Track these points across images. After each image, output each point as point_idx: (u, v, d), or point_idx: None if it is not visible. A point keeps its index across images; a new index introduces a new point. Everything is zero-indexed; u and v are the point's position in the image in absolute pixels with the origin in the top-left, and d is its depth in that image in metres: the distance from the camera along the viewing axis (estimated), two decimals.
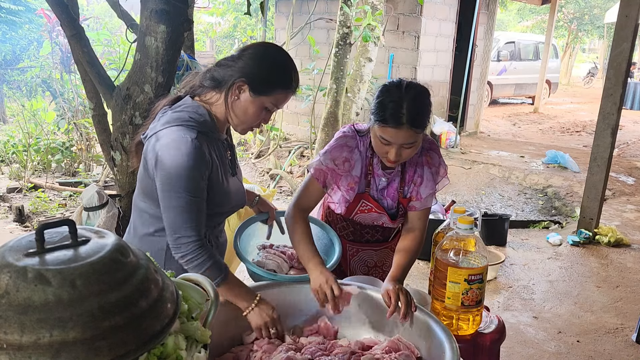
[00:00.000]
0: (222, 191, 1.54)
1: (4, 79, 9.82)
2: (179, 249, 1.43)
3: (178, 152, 1.38)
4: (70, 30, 2.54)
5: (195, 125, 1.44)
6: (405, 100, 1.54)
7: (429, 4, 7.36)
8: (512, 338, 3.07)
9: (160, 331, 0.73)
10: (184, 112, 1.47)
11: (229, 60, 1.51)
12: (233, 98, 1.49)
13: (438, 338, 1.36)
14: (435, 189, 1.79)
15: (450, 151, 7.67)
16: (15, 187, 5.43)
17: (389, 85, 1.61)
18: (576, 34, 21.72)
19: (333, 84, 6.17)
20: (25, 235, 0.75)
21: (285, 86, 1.50)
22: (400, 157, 1.62)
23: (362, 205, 1.82)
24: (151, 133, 1.48)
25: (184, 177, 1.39)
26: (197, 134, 1.42)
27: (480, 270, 1.51)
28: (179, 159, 1.38)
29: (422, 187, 1.78)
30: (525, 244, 4.68)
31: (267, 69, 1.48)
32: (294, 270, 1.76)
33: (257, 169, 6.84)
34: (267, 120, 1.56)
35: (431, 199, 1.80)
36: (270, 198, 3.30)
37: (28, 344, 0.63)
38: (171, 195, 1.40)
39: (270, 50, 1.53)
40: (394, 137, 1.56)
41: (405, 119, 1.53)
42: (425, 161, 1.78)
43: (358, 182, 1.78)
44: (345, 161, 1.73)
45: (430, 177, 1.77)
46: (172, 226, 1.43)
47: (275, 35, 8.97)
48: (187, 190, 1.40)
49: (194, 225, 1.42)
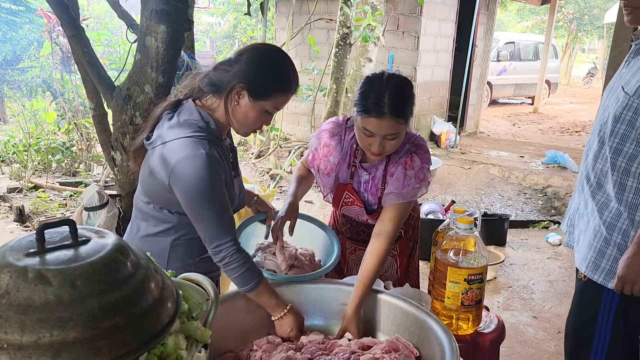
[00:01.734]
0: (230, 194, 1.55)
1: (5, 79, 9.82)
2: (218, 254, 1.44)
3: (195, 168, 1.39)
4: (71, 31, 2.54)
5: (205, 136, 1.45)
6: (387, 89, 1.55)
7: (428, 4, 7.36)
8: (511, 338, 3.07)
9: (161, 331, 0.74)
10: (191, 122, 1.47)
11: (226, 64, 1.50)
12: (233, 104, 1.49)
13: (438, 338, 1.36)
14: (401, 190, 1.68)
15: (450, 151, 7.67)
16: (16, 187, 5.43)
17: (371, 76, 1.64)
18: (576, 34, 21.72)
19: (333, 84, 6.17)
20: (26, 235, 0.75)
21: (284, 89, 1.50)
22: (384, 150, 1.62)
23: (345, 197, 1.84)
24: (158, 142, 1.48)
25: (208, 189, 1.40)
26: (209, 146, 1.43)
27: (480, 270, 1.51)
28: (197, 173, 1.39)
29: (389, 184, 1.72)
30: (524, 244, 4.68)
31: (265, 73, 1.47)
32: (294, 270, 1.77)
33: (257, 169, 6.83)
34: (269, 123, 1.57)
35: (395, 197, 1.68)
36: (270, 198, 3.30)
37: (28, 344, 0.63)
38: (202, 208, 1.42)
39: (267, 52, 1.52)
40: (377, 127, 1.57)
41: (387, 108, 1.54)
42: (404, 162, 1.71)
43: (335, 170, 1.80)
44: (325, 146, 1.80)
45: (402, 177, 1.69)
46: (210, 235, 1.44)
47: (275, 36, 8.97)
48: (213, 200, 1.42)
49: (228, 230, 1.44)
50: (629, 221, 1.65)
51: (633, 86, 1.60)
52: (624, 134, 1.63)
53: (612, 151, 1.66)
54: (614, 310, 1.73)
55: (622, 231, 1.66)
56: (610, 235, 1.69)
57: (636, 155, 1.62)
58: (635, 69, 1.63)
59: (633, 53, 1.70)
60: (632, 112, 1.60)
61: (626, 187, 1.65)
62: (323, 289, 1.64)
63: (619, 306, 1.72)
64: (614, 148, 1.65)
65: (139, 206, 1.61)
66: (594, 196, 1.74)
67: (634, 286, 1.63)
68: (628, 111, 1.60)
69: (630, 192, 1.64)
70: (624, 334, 1.77)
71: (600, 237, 1.71)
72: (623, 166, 1.64)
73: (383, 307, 1.57)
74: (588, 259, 1.75)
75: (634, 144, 1.61)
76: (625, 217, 1.66)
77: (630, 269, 1.61)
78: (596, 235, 1.73)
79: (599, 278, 1.72)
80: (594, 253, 1.73)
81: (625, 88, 1.62)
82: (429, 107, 8.06)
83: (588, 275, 1.75)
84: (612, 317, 1.73)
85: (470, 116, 9.12)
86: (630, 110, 1.60)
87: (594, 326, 1.77)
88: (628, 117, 1.61)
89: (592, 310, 1.77)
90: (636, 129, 1.60)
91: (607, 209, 1.70)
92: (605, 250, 1.70)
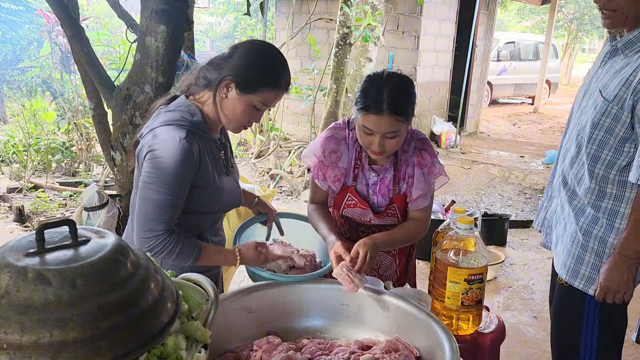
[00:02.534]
0: (215, 190, 1.56)
1: (4, 79, 9.82)
2: (146, 242, 1.44)
3: (165, 151, 1.41)
4: (70, 30, 2.54)
5: (185, 125, 1.46)
6: (386, 87, 1.56)
7: (429, 4, 7.36)
8: (512, 338, 3.07)
9: (161, 331, 0.73)
10: (176, 112, 1.49)
11: (220, 59, 1.51)
12: (221, 97, 1.49)
13: (438, 338, 1.36)
14: (426, 190, 1.77)
15: (450, 151, 7.66)
16: (16, 187, 5.43)
17: (372, 74, 1.65)
18: (576, 34, 21.71)
19: (333, 84, 6.16)
20: (26, 235, 0.75)
21: (271, 84, 1.48)
22: (384, 149, 1.63)
23: (348, 199, 1.83)
24: (146, 131, 1.50)
25: (167, 174, 1.41)
26: (186, 133, 1.44)
27: (480, 270, 1.51)
28: (165, 156, 1.40)
29: (414, 188, 1.77)
30: (525, 244, 4.68)
31: (253, 66, 1.47)
32: (294, 270, 1.76)
33: (257, 169, 6.83)
34: (258, 119, 1.56)
35: (424, 200, 1.78)
36: (270, 198, 3.30)
37: (28, 344, 0.63)
38: (150, 188, 1.43)
39: (257, 47, 1.52)
40: (376, 124, 1.57)
41: (385, 105, 1.54)
42: (417, 162, 1.76)
43: (345, 174, 1.79)
44: (332, 152, 1.77)
45: (422, 177, 1.76)
46: (143, 218, 1.44)
47: (275, 35, 8.97)
48: (166, 186, 1.42)
49: (163, 221, 1.43)
50: (607, 227, 1.63)
51: (611, 91, 1.57)
52: (602, 141, 1.61)
53: (590, 158, 1.64)
54: (598, 315, 1.72)
55: (599, 238, 1.65)
56: (587, 242, 1.68)
57: (614, 162, 1.60)
58: (612, 72, 1.61)
59: (609, 54, 1.67)
60: (611, 119, 1.57)
61: (605, 194, 1.63)
62: (323, 289, 1.63)
63: (602, 311, 1.71)
64: (592, 155, 1.64)
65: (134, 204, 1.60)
66: (570, 201, 1.73)
67: (616, 295, 1.62)
68: (607, 118, 1.58)
69: (610, 199, 1.63)
70: (611, 338, 1.76)
71: (577, 243, 1.71)
72: (601, 173, 1.63)
73: (383, 307, 1.57)
74: (567, 266, 1.74)
75: (612, 151, 1.59)
76: (602, 223, 1.64)
77: (612, 279, 1.60)
78: (573, 241, 1.72)
79: (579, 284, 1.71)
80: (572, 259, 1.72)
81: (603, 92, 1.60)
82: (429, 107, 8.05)
83: (569, 282, 1.75)
84: (597, 322, 1.72)
85: (471, 116, 9.12)
86: (608, 117, 1.58)
87: (579, 332, 1.75)
88: (606, 123, 1.59)
89: (576, 315, 1.76)
90: (615, 135, 1.58)
91: (583, 215, 1.69)
92: (583, 256, 1.69)
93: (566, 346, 1.84)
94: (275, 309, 1.60)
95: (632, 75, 1.53)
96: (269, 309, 1.59)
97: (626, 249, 1.58)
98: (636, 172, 1.52)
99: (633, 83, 1.52)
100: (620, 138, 1.57)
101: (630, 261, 1.58)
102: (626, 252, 1.58)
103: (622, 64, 1.59)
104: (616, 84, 1.56)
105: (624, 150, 1.58)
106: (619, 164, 1.59)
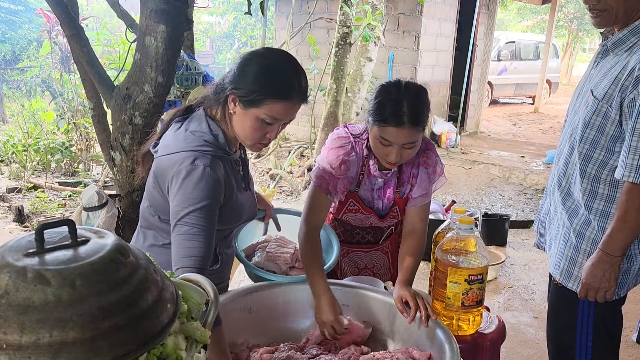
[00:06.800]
0: (236, 208, 1.49)
1: (4, 79, 9.82)
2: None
3: (191, 183, 1.32)
4: (70, 30, 2.54)
5: (209, 151, 1.37)
6: (405, 99, 1.53)
7: (429, 4, 7.35)
8: (512, 338, 3.07)
9: (160, 331, 0.73)
10: (198, 135, 1.39)
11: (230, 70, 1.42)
12: (229, 112, 1.41)
13: (438, 338, 1.36)
14: (428, 189, 1.77)
15: (450, 151, 7.66)
16: (15, 187, 5.43)
17: (387, 85, 1.61)
18: (576, 34, 21.71)
19: (333, 84, 6.16)
20: (25, 235, 0.74)
21: (277, 95, 1.34)
22: (401, 158, 1.60)
23: (350, 204, 1.81)
24: (162, 152, 1.42)
25: (197, 207, 1.32)
26: (210, 161, 1.35)
27: (480, 271, 1.50)
28: (191, 189, 1.32)
29: (416, 187, 1.77)
30: (525, 244, 4.68)
31: (252, 78, 1.35)
32: (294, 271, 1.76)
33: (257, 169, 6.83)
34: (274, 135, 1.42)
35: (424, 198, 1.78)
36: (270, 198, 3.30)
37: (28, 344, 0.63)
38: (183, 223, 1.33)
39: (257, 57, 1.40)
40: (395, 137, 1.55)
41: (406, 118, 1.52)
42: (423, 162, 1.77)
43: (351, 183, 1.77)
44: (342, 163, 1.70)
45: (426, 177, 1.76)
46: (177, 254, 1.33)
47: (275, 35, 8.97)
48: (199, 217, 1.32)
49: (199, 258, 1.32)
50: (598, 229, 1.63)
51: (601, 90, 1.57)
52: (593, 140, 1.60)
53: (582, 158, 1.64)
54: (592, 315, 1.71)
55: (591, 240, 1.65)
56: (580, 244, 1.67)
57: (606, 162, 1.59)
58: (603, 71, 1.61)
59: (601, 54, 1.67)
60: (602, 118, 1.57)
61: (597, 195, 1.62)
62: None
63: (596, 312, 1.71)
64: (584, 154, 1.63)
65: (145, 215, 1.56)
66: (564, 202, 1.73)
67: (597, 293, 1.61)
68: (597, 116, 1.58)
69: (601, 200, 1.62)
70: (606, 338, 1.76)
71: (570, 245, 1.70)
72: (593, 173, 1.62)
73: (383, 307, 1.57)
74: (561, 267, 1.74)
75: (604, 151, 1.59)
76: (594, 225, 1.63)
77: (594, 276, 1.59)
78: (567, 243, 1.72)
79: (572, 286, 1.71)
80: (566, 261, 1.72)
81: (594, 92, 1.59)
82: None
83: (562, 283, 1.75)
84: (592, 323, 1.72)
85: (471, 116, 9.12)
86: (599, 116, 1.57)
87: (574, 332, 1.75)
88: (597, 122, 1.58)
89: (571, 316, 1.76)
90: (606, 134, 1.57)
91: (577, 217, 1.68)
92: (576, 258, 1.69)
93: (562, 346, 1.84)
94: (275, 310, 1.60)
95: (621, 72, 1.53)
96: (269, 309, 1.59)
97: (609, 246, 1.56)
98: (621, 168, 1.52)
99: (621, 80, 1.51)
100: (611, 137, 1.57)
101: (614, 259, 1.56)
102: (609, 249, 1.56)
103: (612, 63, 1.59)
104: (606, 83, 1.56)
105: (615, 150, 1.57)
106: (611, 164, 1.59)
